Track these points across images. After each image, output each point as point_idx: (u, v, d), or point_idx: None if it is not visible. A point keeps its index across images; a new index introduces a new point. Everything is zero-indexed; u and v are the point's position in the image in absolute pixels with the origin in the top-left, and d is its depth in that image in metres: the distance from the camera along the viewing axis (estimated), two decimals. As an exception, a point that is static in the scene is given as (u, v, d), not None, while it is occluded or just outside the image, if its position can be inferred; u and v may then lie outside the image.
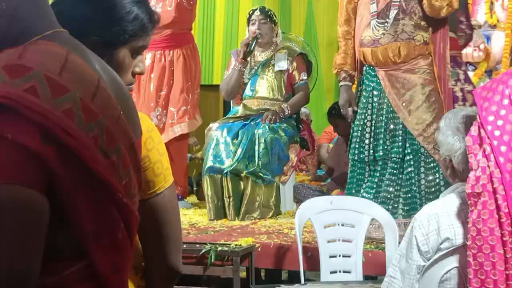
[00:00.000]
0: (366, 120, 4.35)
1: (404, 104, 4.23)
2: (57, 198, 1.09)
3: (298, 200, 5.13)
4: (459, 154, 2.52)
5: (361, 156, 4.35)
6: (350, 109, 4.43)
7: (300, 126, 5.47)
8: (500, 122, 2.21)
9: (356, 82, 4.59)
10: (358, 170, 4.38)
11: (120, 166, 1.18)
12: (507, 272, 2.18)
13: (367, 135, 4.34)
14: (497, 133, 2.20)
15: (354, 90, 4.58)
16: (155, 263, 1.71)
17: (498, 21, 6.75)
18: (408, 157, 4.21)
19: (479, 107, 2.27)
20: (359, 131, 4.37)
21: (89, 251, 1.14)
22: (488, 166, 2.19)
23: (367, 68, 4.38)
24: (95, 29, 1.60)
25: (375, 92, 4.34)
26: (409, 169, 4.20)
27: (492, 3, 6.81)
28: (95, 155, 1.12)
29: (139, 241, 1.69)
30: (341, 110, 4.53)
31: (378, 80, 4.32)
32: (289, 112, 5.13)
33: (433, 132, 3.87)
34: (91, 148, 1.11)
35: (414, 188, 4.18)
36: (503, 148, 2.18)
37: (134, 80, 1.73)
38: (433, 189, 4.15)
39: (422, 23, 4.25)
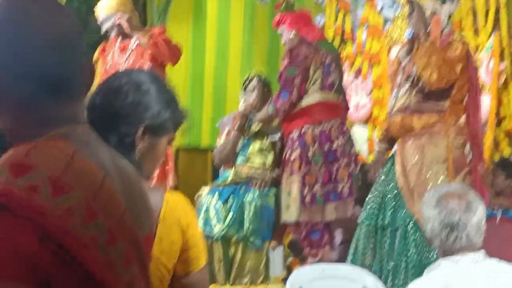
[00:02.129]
0: (385, 188, 4.39)
1: (407, 186, 4.26)
2: None
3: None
4: (427, 223, 2.57)
5: (368, 219, 4.39)
6: None
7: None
8: None
9: None
10: (365, 235, 4.41)
11: (120, 265, 1.17)
12: None
13: (382, 203, 4.38)
14: None
15: None
16: None
17: (483, 84, 6.84)
18: (410, 226, 4.23)
19: None
20: (376, 198, 4.40)
21: None
22: None
23: None
24: (152, 116, 1.86)
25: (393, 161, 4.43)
26: (411, 239, 4.21)
27: (477, 66, 6.91)
28: (93, 255, 1.11)
29: None
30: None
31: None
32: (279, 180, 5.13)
33: None
34: (89, 248, 1.11)
35: (415, 257, 4.19)
36: None
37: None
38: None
39: (432, 96, 4.28)
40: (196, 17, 7.19)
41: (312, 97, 4.88)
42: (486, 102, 6.76)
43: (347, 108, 5.27)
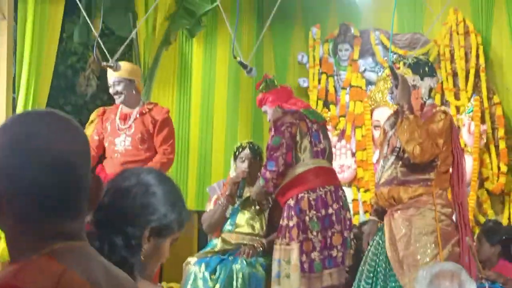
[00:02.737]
0: (376, 260, 4.40)
1: (396, 257, 4.28)
2: None
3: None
4: None
5: None
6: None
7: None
8: None
9: None
10: None
11: None
12: None
13: (373, 275, 4.39)
14: None
15: None
16: None
17: (465, 145, 6.93)
18: None
19: None
20: (369, 271, 4.41)
21: None
22: None
23: None
24: (159, 219, 1.91)
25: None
26: None
27: (458, 127, 7.01)
28: None
29: None
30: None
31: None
32: (268, 248, 5.13)
33: None
34: None
35: None
36: None
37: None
38: None
39: (417, 168, 4.33)
40: (182, 84, 7.28)
41: (305, 165, 4.89)
42: (469, 163, 6.86)
43: None
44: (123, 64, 5.45)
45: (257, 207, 5.22)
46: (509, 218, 6.82)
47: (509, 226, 6.32)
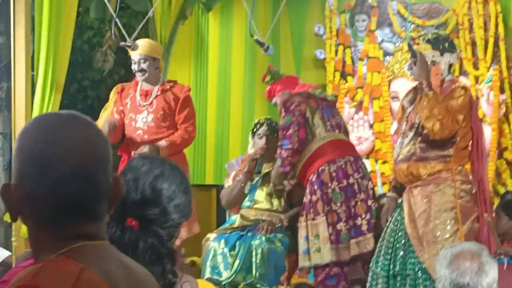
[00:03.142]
0: (394, 236, 4.42)
1: (415, 234, 4.29)
2: None
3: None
4: (439, 282, 2.59)
5: (385, 269, 4.40)
6: None
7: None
8: None
9: None
10: (377, 285, 4.43)
11: None
12: None
13: (392, 251, 4.41)
14: None
15: None
16: None
17: (484, 115, 6.89)
18: (419, 273, 4.26)
19: None
20: (387, 247, 4.42)
21: None
22: None
23: None
24: (188, 212, 2.09)
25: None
26: (421, 287, 4.23)
27: (477, 98, 6.95)
28: None
29: None
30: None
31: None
32: (286, 224, 5.16)
33: None
34: None
35: None
36: None
37: None
38: None
39: (436, 144, 4.32)
40: (198, 59, 7.26)
41: (321, 139, 4.93)
42: (488, 133, 6.82)
43: None
44: (147, 42, 5.47)
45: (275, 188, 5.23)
46: (528, 189, 6.79)
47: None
